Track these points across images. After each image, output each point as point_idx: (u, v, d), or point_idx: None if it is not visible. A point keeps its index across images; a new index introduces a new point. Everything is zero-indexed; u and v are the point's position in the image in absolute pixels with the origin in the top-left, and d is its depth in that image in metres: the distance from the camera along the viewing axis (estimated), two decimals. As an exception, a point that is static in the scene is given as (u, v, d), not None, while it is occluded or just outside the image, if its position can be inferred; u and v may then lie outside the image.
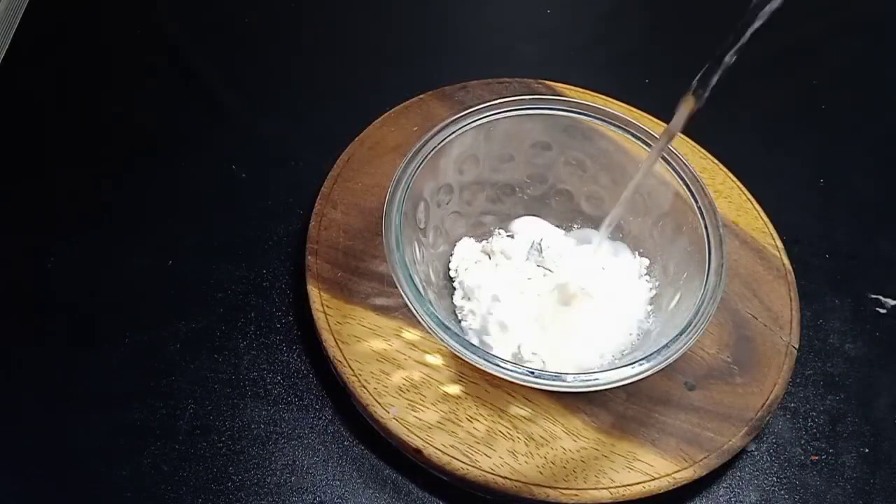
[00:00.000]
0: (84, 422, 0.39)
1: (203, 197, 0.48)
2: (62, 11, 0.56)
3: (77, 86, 0.52)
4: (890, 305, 0.45)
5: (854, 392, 0.42)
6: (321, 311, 0.40)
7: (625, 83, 0.53)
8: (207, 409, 0.39)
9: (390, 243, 0.36)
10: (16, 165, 0.48)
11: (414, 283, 0.35)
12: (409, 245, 0.38)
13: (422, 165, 0.39)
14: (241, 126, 0.51)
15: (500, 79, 0.51)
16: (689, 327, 0.35)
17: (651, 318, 0.40)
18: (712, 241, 0.37)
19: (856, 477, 0.40)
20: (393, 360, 0.39)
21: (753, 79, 0.51)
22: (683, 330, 0.35)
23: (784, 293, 0.43)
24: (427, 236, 0.41)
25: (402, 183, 0.38)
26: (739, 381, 0.40)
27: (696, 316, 0.35)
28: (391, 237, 0.36)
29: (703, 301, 0.35)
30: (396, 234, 0.36)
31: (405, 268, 0.36)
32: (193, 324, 0.42)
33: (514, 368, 0.33)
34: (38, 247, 0.44)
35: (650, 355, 0.34)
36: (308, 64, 0.55)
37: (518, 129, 0.41)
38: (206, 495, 0.37)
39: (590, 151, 0.42)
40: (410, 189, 0.38)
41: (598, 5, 0.61)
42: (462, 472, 0.36)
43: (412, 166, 0.38)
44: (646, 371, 0.34)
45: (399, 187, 0.38)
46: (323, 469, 0.38)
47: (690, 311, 0.35)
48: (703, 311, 0.35)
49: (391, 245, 0.36)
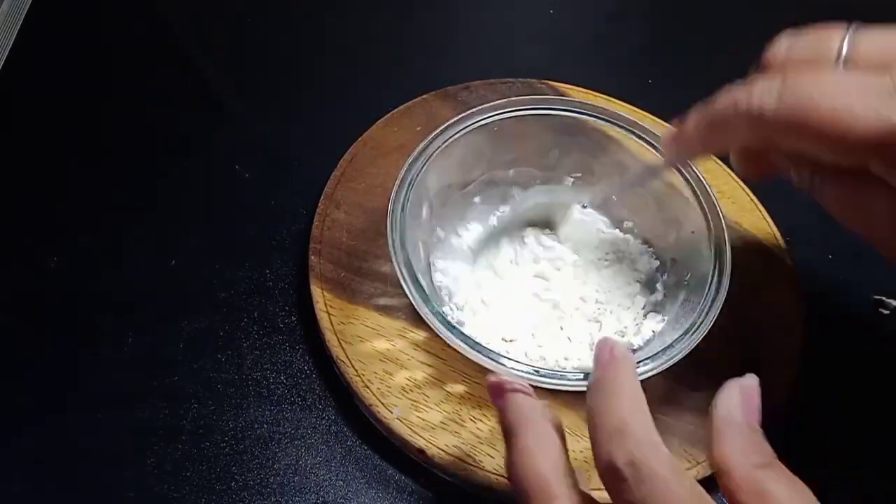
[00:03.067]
0: (87, 422, 0.39)
1: (206, 197, 0.48)
2: (65, 11, 0.56)
3: (80, 86, 0.52)
4: (893, 306, 0.45)
5: (858, 393, 0.42)
6: (324, 312, 0.40)
7: (627, 84, 0.52)
8: (210, 410, 0.39)
9: (395, 243, 0.36)
10: (18, 165, 0.48)
11: (419, 282, 0.35)
12: (414, 244, 0.38)
13: (427, 164, 0.39)
14: (245, 126, 0.51)
15: (504, 79, 0.51)
16: (692, 329, 0.35)
17: (655, 318, 0.40)
18: (717, 244, 0.37)
19: (863, 479, 0.39)
20: (396, 360, 0.39)
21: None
22: (687, 331, 0.35)
23: (788, 294, 0.43)
24: (431, 235, 0.41)
25: (406, 182, 0.38)
26: (743, 381, 0.40)
27: (700, 317, 0.35)
28: (396, 236, 0.36)
29: (707, 303, 0.35)
30: (401, 233, 0.36)
31: (410, 267, 0.36)
32: (196, 324, 0.42)
33: (518, 367, 0.33)
34: (41, 246, 0.45)
35: (654, 355, 0.34)
36: (311, 64, 0.55)
37: (525, 128, 0.41)
38: (210, 495, 0.37)
39: (594, 153, 0.42)
40: (415, 188, 0.38)
41: (601, 6, 0.61)
42: (465, 473, 0.36)
43: (418, 164, 0.38)
44: (648, 372, 0.34)
45: (403, 186, 0.38)
46: (326, 469, 0.38)
47: (694, 313, 0.35)
48: (707, 314, 0.35)
49: (396, 245, 0.36)
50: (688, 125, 0.33)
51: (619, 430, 0.25)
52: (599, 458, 0.25)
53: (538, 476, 0.27)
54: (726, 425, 0.26)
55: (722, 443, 0.26)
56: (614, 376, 0.27)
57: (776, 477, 0.25)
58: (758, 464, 0.25)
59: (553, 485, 0.26)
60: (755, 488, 0.25)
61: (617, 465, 0.24)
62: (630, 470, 0.24)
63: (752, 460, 0.25)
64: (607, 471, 0.25)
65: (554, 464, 0.27)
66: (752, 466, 0.25)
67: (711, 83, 0.32)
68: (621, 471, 0.24)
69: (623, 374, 0.27)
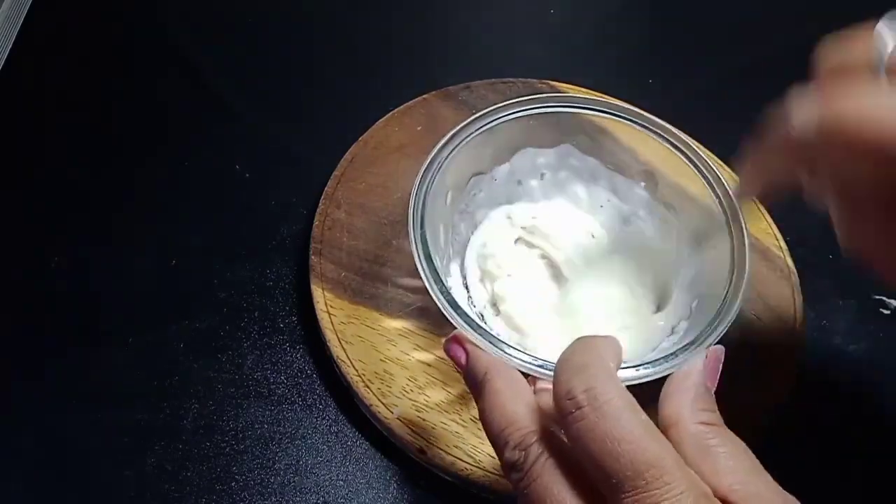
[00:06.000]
0: (88, 422, 0.39)
1: (207, 197, 0.48)
2: (65, 11, 0.56)
3: (80, 86, 0.52)
4: (894, 306, 0.45)
5: (859, 393, 0.42)
6: (325, 312, 0.40)
7: (628, 83, 0.53)
8: (211, 409, 0.39)
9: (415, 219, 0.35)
10: (20, 165, 0.48)
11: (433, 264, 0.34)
12: (434, 227, 0.37)
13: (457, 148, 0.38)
14: (245, 126, 0.51)
15: (504, 79, 0.51)
16: (698, 340, 0.34)
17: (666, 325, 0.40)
18: (737, 261, 0.36)
19: (862, 479, 0.39)
20: (397, 360, 0.39)
21: (758, 79, 0.51)
22: (693, 342, 0.34)
23: (788, 294, 0.43)
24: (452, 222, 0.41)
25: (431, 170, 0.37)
26: (743, 382, 0.40)
27: (708, 330, 0.34)
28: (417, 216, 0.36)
29: (717, 316, 0.34)
30: (420, 214, 0.36)
31: (426, 244, 0.35)
32: (197, 324, 0.42)
33: (521, 356, 0.32)
34: (43, 246, 0.45)
35: (655, 361, 0.33)
36: (312, 64, 0.55)
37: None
38: (210, 495, 0.37)
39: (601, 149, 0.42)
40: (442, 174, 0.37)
41: (601, 6, 0.61)
42: (466, 473, 0.36)
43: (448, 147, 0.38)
44: (648, 376, 0.33)
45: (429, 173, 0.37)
46: (326, 469, 0.38)
47: (701, 325, 0.34)
48: (715, 328, 0.34)
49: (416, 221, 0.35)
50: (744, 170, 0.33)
51: (582, 365, 0.25)
52: (559, 390, 0.25)
53: (517, 416, 0.27)
54: (684, 380, 0.27)
55: (675, 396, 0.27)
56: (590, 341, 0.28)
57: (722, 433, 0.26)
58: (706, 420, 0.26)
59: (531, 424, 0.27)
60: (700, 442, 0.25)
61: (574, 392, 0.24)
62: (585, 396, 0.24)
63: (701, 416, 0.26)
64: (564, 399, 0.25)
65: (528, 404, 0.27)
66: (699, 422, 0.26)
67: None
68: (578, 398, 0.24)
69: (599, 341, 0.28)
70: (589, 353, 0.26)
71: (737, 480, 0.24)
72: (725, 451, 0.25)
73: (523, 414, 0.27)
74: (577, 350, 0.27)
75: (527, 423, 0.27)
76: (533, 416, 0.27)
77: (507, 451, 0.27)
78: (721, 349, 0.30)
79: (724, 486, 0.24)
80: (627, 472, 0.23)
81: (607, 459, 0.23)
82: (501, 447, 0.27)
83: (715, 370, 0.29)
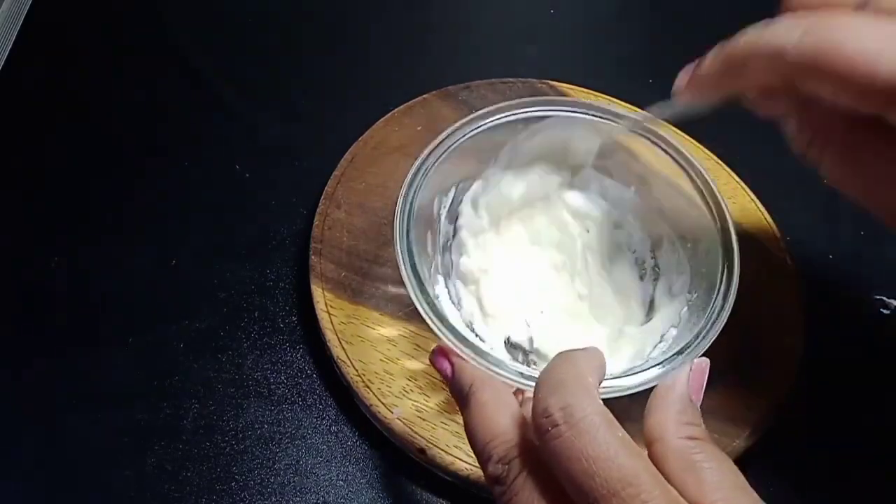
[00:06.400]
0: (88, 422, 0.39)
1: (207, 196, 0.48)
2: (65, 11, 0.56)
3: (80, 86, 0.52)
4: (894, 306, 0.45)
5: (859, 393, 0.42)
6: (325, 311, 0.40)
7: (627, 84, 0.52)
8: (211, 409, 0.39)
9: (401, 227, 0.36)
10: (19, 165, 0.48)
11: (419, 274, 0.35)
12: (420, 237, 0.37)
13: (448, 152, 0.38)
14: (245, 126, 0.51)
15: (504, 79, 0.51)
16: (687, 348, 0.34)
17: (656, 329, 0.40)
18: (726, 265, 0.36)
19: (862, 479, 0.39)
20: (397, 360, 0.39)
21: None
22: (681, 350, 0.34)
23: (788, 294, 0.43)
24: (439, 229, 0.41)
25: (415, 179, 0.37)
26: (743, 382, 0.40)
27: (696, 339, 0.34)
28: (402, 225, 0.36)
29: (706, 323, 0.35)
30: (407, 223, 0.36)
31: (411, 254, 0.35)
32: (197, 324, 0.42)
33: (506, 369, 0.32)
34: (42, 246, 0.45)
35: (642, 370, 0.33)
36: (312, 64, 0.55)
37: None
38: (210, 495, 0.37)
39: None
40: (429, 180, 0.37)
41: (601, 6, 0.61)
42: (466, 473, 0.36)
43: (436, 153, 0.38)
44: (634, 387, 0.32)
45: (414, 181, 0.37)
46: (326, 469, 0.38)
47: (692, 333, 0.34)
48: (705, 335, 0.34)
49: (402, 230, 0.36)
50: (705, 63, 0.32)
51: (559, 382, 0.25)
52: (536, 408, 0.25)
53: (501, 429, 0.27)
54: (668, 393, 0.27)
55: (659, 410, 0.26)
56: (570, 356, 0.27)
57: (707, 448, 0.25)
58: (691, 434, 0.25)
59: (515, 437, 0.27)
60: (685, 457, 0.25)
61: (550, 410, 0.24)
62: (561, 414, 0.24)
63: (686, 431, 0.26)
64: (541, 417, 0.25)
65: (513, 417, 0.27)
66: (684, 436, 0.25)
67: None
68: (554, 416, 0.24)
69: (579, 355, 0.27)
70: (567, 370, 0.26)
71: (721, 497, 0.24)
72: (710, 466, 0.24)
73: (507, 427, 0.27)
74: (555, 366, 0.27)
75: (510, 437, 0.27)
76: (517, 429, 0.27)
77: (490, 465, 0.27)
78: (706, 361, 0.29)
79: (709, 502, 0.23)
80: (603, 490, 0.22)
81: (583, 478, 0.23)
82: (485, 461, 0.27)
83: (699, 384, 0.28)
